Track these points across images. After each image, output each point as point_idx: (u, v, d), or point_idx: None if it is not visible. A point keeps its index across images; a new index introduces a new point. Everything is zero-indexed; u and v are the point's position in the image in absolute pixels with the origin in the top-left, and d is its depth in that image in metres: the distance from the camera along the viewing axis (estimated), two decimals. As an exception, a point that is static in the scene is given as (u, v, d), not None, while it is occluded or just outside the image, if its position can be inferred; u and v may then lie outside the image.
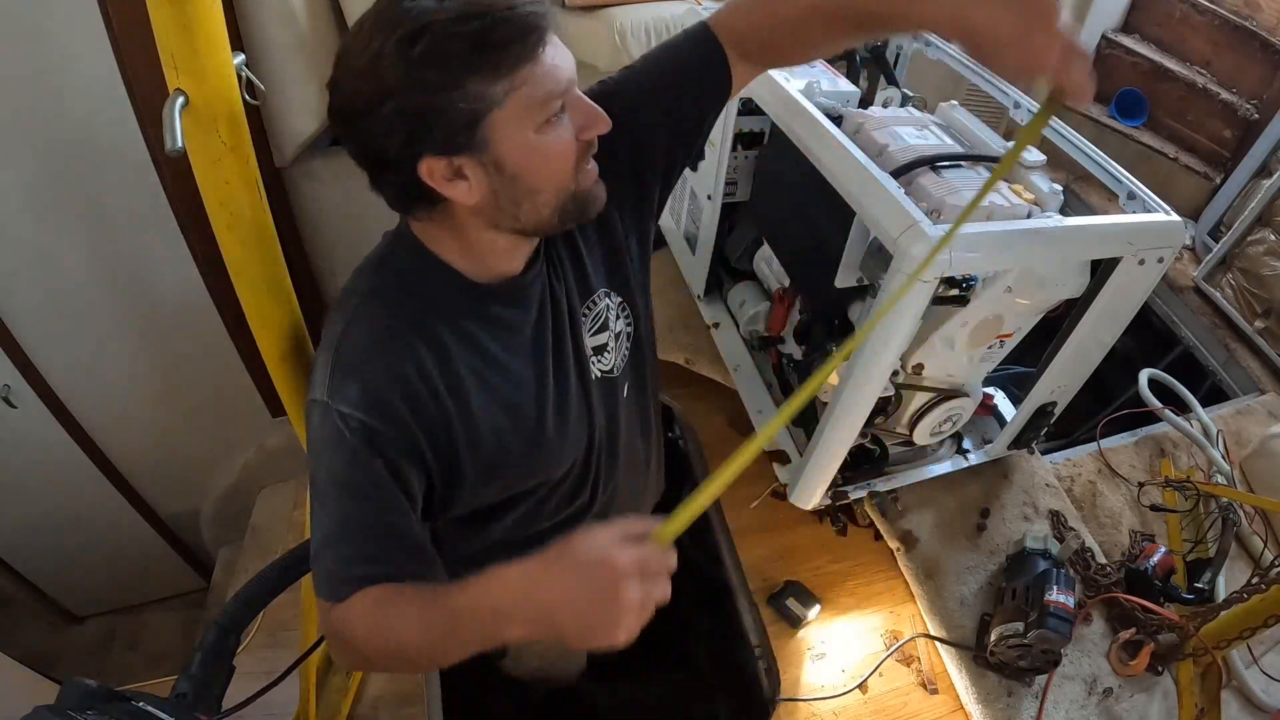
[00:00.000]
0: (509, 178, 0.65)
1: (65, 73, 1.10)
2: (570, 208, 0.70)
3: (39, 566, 1.86)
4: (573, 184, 0.69)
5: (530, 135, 0.64)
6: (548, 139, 0.65)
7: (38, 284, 1.33)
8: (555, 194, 0.68)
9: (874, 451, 1.24)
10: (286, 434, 1.61)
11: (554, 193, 0.68)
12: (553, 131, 0.65)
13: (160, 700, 0.67)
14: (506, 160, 0.64)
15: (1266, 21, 2.03)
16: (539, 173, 0.66)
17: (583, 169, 0.69)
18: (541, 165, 0.66)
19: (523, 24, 0.59)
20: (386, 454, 0.69)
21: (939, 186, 0.94)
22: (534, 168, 0.66)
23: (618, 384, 0.90)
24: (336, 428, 0.68)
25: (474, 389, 0.75)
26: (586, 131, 0.67)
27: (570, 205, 0.70)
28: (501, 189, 0.66)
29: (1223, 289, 1.86)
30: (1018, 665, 1.10)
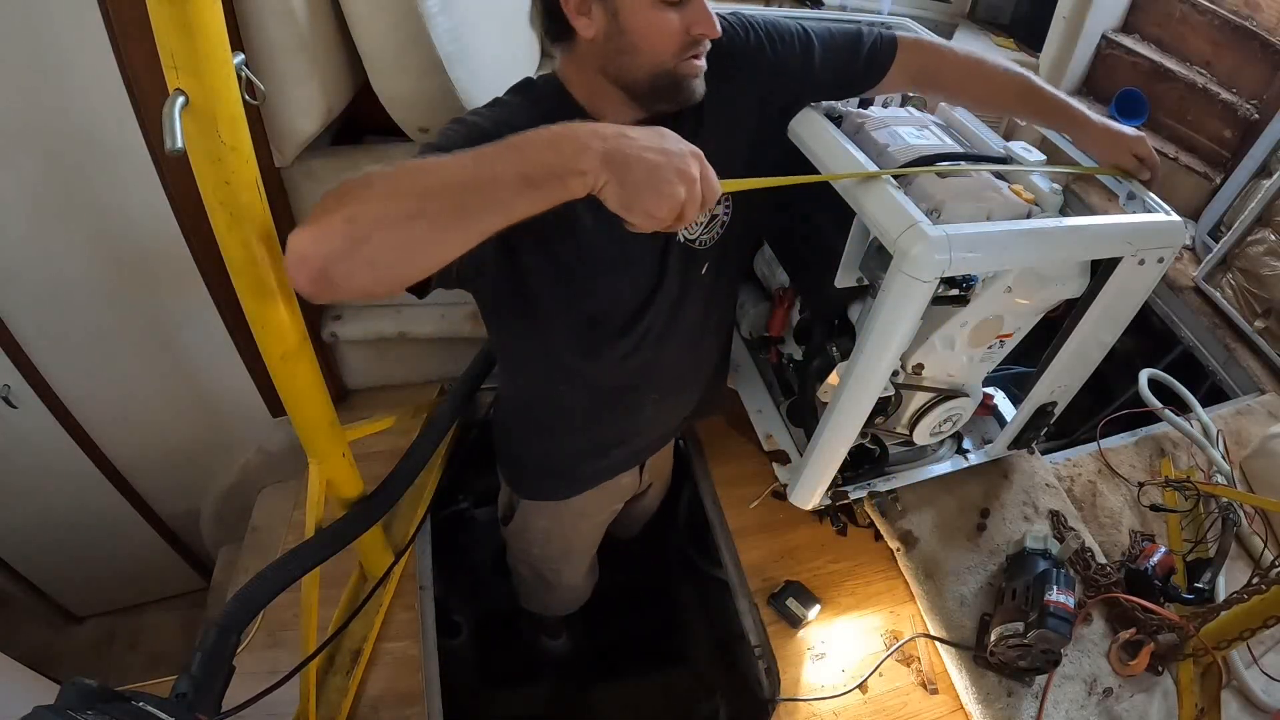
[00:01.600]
0: (620, 29, 0.78)
1: (65, 73, 1.10)
2: (663, 84, 0.82)
3: (39, 566, 1.86)
4: (670, 64, 0.81)
5: (645, 8, 0.77)
6: (659, 13, 0.78)
7: (38, 284, 1.33)
8: (652, 64, 0.81)
9: (874, 451, 1.24)
10: (286, 434, 1.61)
11: (651, 62, 0.80)
12: (664, 12, 0.78)
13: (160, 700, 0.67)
14: (622, 12, 0.78)
15: (1266, 21, 2.03)
16: (643, 37, 0.79)
17: (685, 57, 0.81)
18: (646, 31, 0.78)
19: None
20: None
21: (939, 186, 0.94)
22: (640, 30, 0.78)
23: (699, 258, 0.99)
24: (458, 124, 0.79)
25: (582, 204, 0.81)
26: (694, 28, 0.79)
27: (664, 82, 0.82)
28: (612, 36, 0.79)
29: (1223, 289, 1.86)
30: (1018, 665, 1.10)
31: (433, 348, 1.60)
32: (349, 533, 1.02)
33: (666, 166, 0.62)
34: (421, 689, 1.16)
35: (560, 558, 1.42)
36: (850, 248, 1.01)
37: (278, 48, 1.08)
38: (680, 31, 0.79)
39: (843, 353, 1.09)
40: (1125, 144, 1.05)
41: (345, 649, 1.17)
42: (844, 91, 1.07)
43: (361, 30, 1.14)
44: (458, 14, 1.15)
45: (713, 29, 0.80)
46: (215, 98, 0.64)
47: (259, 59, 1.07)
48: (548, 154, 0.62)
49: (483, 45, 1.26)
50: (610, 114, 0.87)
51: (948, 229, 0.81)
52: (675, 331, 1.04)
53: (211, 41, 0.61)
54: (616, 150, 0.62)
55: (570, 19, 0.80)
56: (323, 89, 1.17)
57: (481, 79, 1.23)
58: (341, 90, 1.24)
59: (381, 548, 1.22)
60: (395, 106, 1.21)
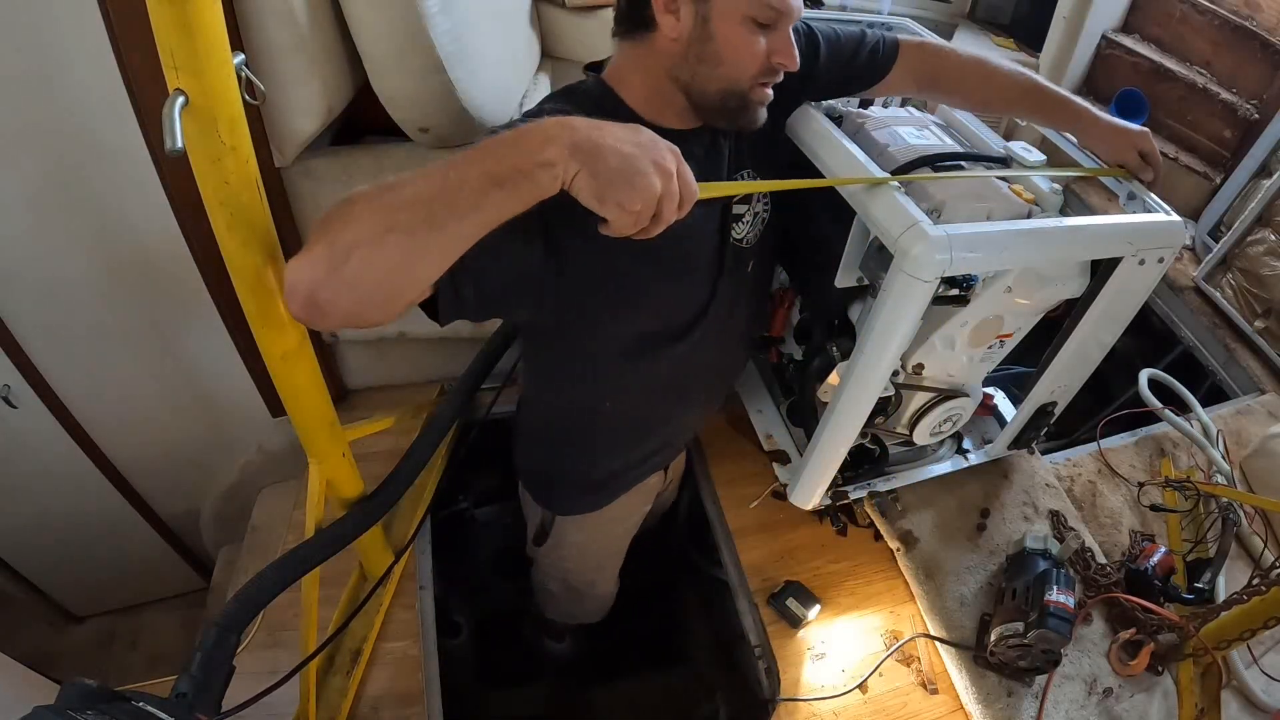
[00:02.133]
0: (705, 38, 0.79)
1: (65, 72, 1.10)
2: (732, 104, 0.83)
3: (39, 566, 1.86)
4: (745, 85, 0.82)
5: (736, 22, 0.78)
6: (749, 33, 0.78)
7: (38, 284, 1.33)
8: (729, 80, 0.81)
9: (874, 451, 1.24)
10: (286, 434, 1.61)
11: (729, 77, 0.81)
12: (751, 34, 0.79)
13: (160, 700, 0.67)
14: (712, 21, 0.78)
15: (1266, 21, 2.03)
16: (726, 52, 0.79)
17: (759, 83, 0.82)
18: (730, 47, 0.79)
19: None
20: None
21: (939, 186, 0.94)
22: (725, 44, 0.79)
23: (747, 256, 1.01)
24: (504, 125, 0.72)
25: None
26: (776, 56, 0.80)
27: (733, 102, 0.83)
28: (695, 42, 0.79)
29: (1223, 289, 1.86)
30: (1018, 665, 1.10)
31: (433, 348, 1.60)
32: (349, 533, 1.02)
33: (641, 157, 0.60)
34: (421, 689, 1.16)
35: (595, 569, 1.41)
36: (850, 247, 1.01)
37: (278, 48, 1.08)
38: (763, 56, 0.81)
39: (843, 353, 1.09)
40: (1130, 140, 1.05)
41: (345, 649, 1.17)
42: (843, 91, 1.08)
43: (361, 30, 1.14)
44: (458, 14, 1.15)
45: (793, 62, 0.81)
46: (215, 98, 0.64)
47: (259, 59, 1.07)
48: (512, 151, 0.59)
49: (483, 45, 1.26)
50: (667, 119, 0.87)
51: (948, 229, 0.81)
52: (728, 332, 1.05)
53: (211, 41, 0.61)
54: (586, 140, 0.59)
55: (657, 13, 0.79)
56: (323, 89, 1.17)
57: (481, 79, 1.23)
58: (341, 90, 1.24)
59: (381, 548, 1.22)
60: (395, 106, 1.21)
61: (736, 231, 0.97)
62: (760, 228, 1.01)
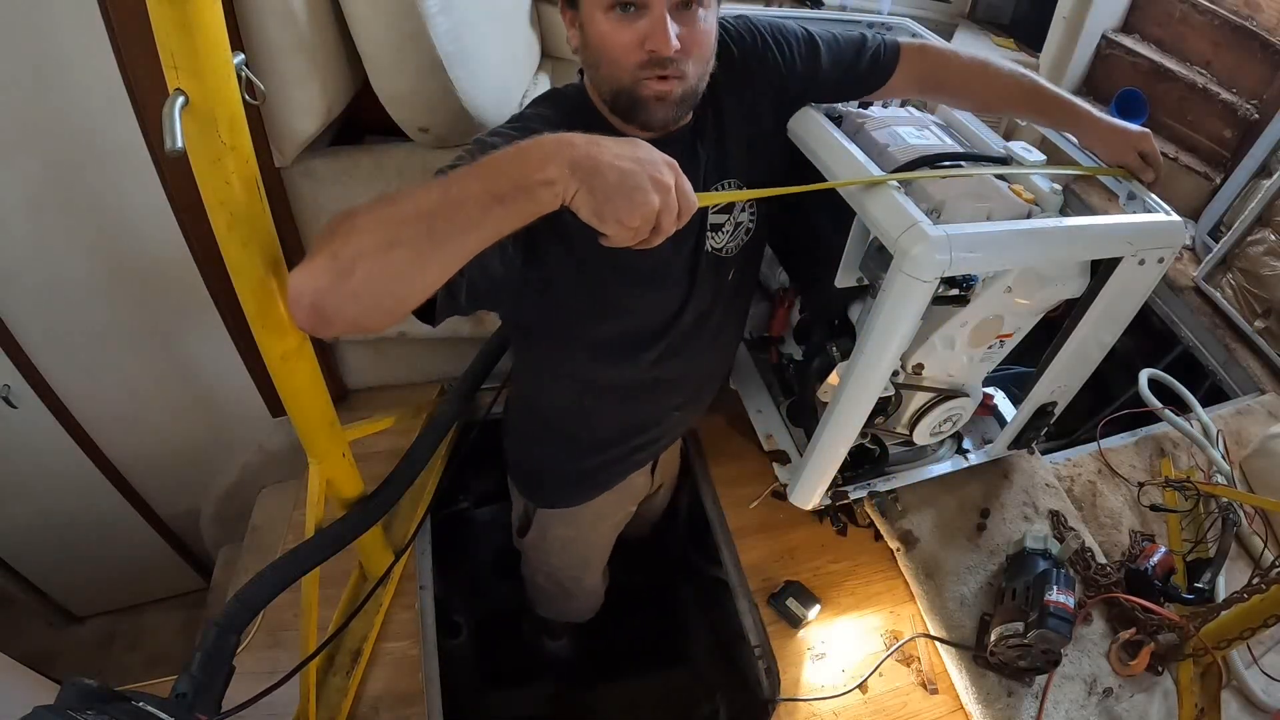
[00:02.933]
0: (586, 41, 0.79)
1: (65, 72, 1.10)
2: (623, 104, 0.80)
3: (39, 566, 1.86)
4: (626, 81, 0.78)
5: (599, 14, 0.75)
6: (612, 26, 0.75)
7: (38, 284, 1.33)
8: (609, 79, 0.79)
9: (874, 451, 1.24)
10: (286, 434, 1.61)
11: (610, 79, 0.79)
12: (618, 23, 0.75)
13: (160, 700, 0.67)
14: (586, 26, 0.78)
15: (1266, 21, 2.03)
16: (598, 50, 0.77)
17: (640, 75, 0.77)
18: (600, 45, 0.77)
19: None
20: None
21: (939, 187, 0.94)
22: (595, 43, 0.77)
23: (726, 265, 1.00)
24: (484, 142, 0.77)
25: None
26: (648, 41, 0.75)
27: (624, 101, 0.80)
28: (584, 49, 0.80)
29: (1223, 289, 1.86)
30: (1018, 665, 1.10)
31: (433, 348, 1.60)
32: (349, 533, 1.02)
33: (639, 173, 0.60)
34: (421, 689, 1.16)
35: (580, 564, 1.42)
36: (850, 248, 1.01)
37: (278, 48, 1.08)
38: (634, 46, 0.75)
39: (843, 353, 1.09)
40: (1131, 141, 1.05)
41: (345, 649, 1.17)
42: (845, 96, 1.07)
43: (361, 30, 1.14)
44: (458, 14, 1.15)
45: (665, 45, 0.74)
46: (215, 98, 0.64)
47: (259, 59, 1.07)
48: (513, 167, 0.60)
49: (482, 45, 1.26)
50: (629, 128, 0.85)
51: (948, 229, 0.81)
52: (702, 338, 1.05)
53: (211, 41, 0.61)
54: (586, 157, 0.60)
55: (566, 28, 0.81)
56: (323, 89, 1.17)
57: (481, 79, 1.23)
58: (341, 90, 1.24)
59: (381, 548, 1.22)
60: (395, 106, 1.21)
61: (714, 241, 0.97)
62: (743, 237, 1.00)
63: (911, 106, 1.23)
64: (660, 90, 0.78)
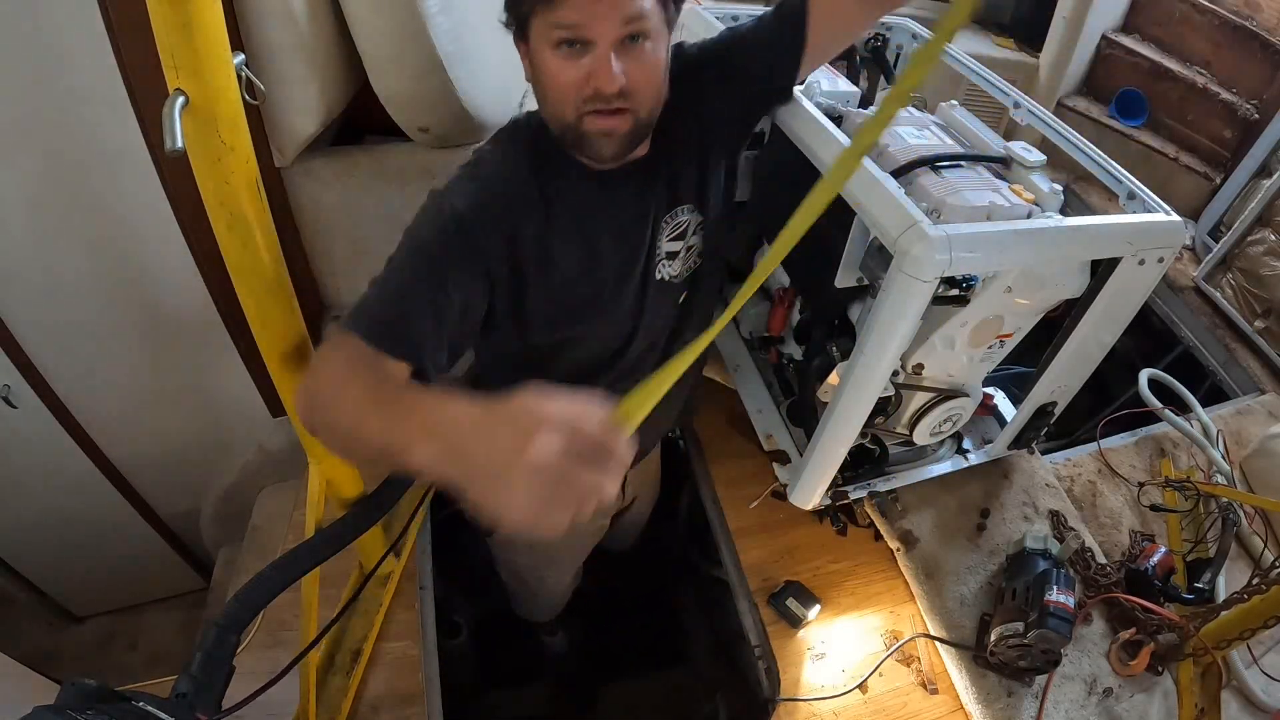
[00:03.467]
0: (535, 76, 0.78)
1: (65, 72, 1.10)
2: (570, 139, 0.79)
3: (39, 566, 1.86)
4: (570, 117, 0.77)
5: (546, 51, 0.74)
6: (557, 63, 0.74)
7: (38, 284, 1.33)
8: (556, 116, 0.78)
9: (874, 451, 1.24)
10: (286, 434, 1.61)
11: (555, 115, 0.78)
12: (564, 60, 0.73)
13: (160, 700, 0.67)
14: (535, 61, 0.76)
15: (1266, 21, 2.03)
16: (544, 85, 0.77)
17: (584, 111, 0.76)
18: (546, 79, 0.76)
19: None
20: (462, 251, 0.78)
21: (939, 186, 0.94)
22: (544, 77, 0.76)
23: (676, 290, 1.00)
24: (439, 207, 0.79)
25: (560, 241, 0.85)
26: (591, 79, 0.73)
27: (570, 136, 0.79)
28: (533, 82, 0.79)
29: (1223, 289, 1.86)
30: (1018, 665, 1.10)
31: (433, 348, 1.60)
32: (349, 533, 1.02)
33: (515, 478, 0.47)
34: (421, 689, 1.16)
35: (545, 565, 1.42)
36: (850, 248, 1.01)
37: (278, 48, 1.08)
38: (578, 83, 0.74)
39: (843, 353, 1.09)
40: None
41: (345, 649, 1.17)
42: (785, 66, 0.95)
43: (361, 30, 1.14)
44: (458, 14, 1.15)
45: (608, 83, 0.73)
46: (215, 98, 0.64)
47: (259, 59, 1.07)
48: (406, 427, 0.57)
49: (482, 45, 1.26)
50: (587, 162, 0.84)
51: (948, 229, 0.81)
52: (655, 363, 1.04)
53: (211, 41, 0.61)
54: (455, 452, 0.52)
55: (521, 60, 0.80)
56: (322, 89, 1.17)
57: (481, 79, 1.24)
58: (341, 90, 1.24)
59: (381, 548, 1.22)
60: (395, 106, 1.21)
61: (670, 269, 0.96)
62: (695, 260, 0.99)
63: (911, 106, 1.23)
64: (605, 126, 0.77)
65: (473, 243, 0.78)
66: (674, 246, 0.96)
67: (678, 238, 0.96)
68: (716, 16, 1.22)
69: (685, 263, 0.99)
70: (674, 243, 0.95)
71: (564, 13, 0.71)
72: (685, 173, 0.94)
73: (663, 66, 0.79)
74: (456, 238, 0.78)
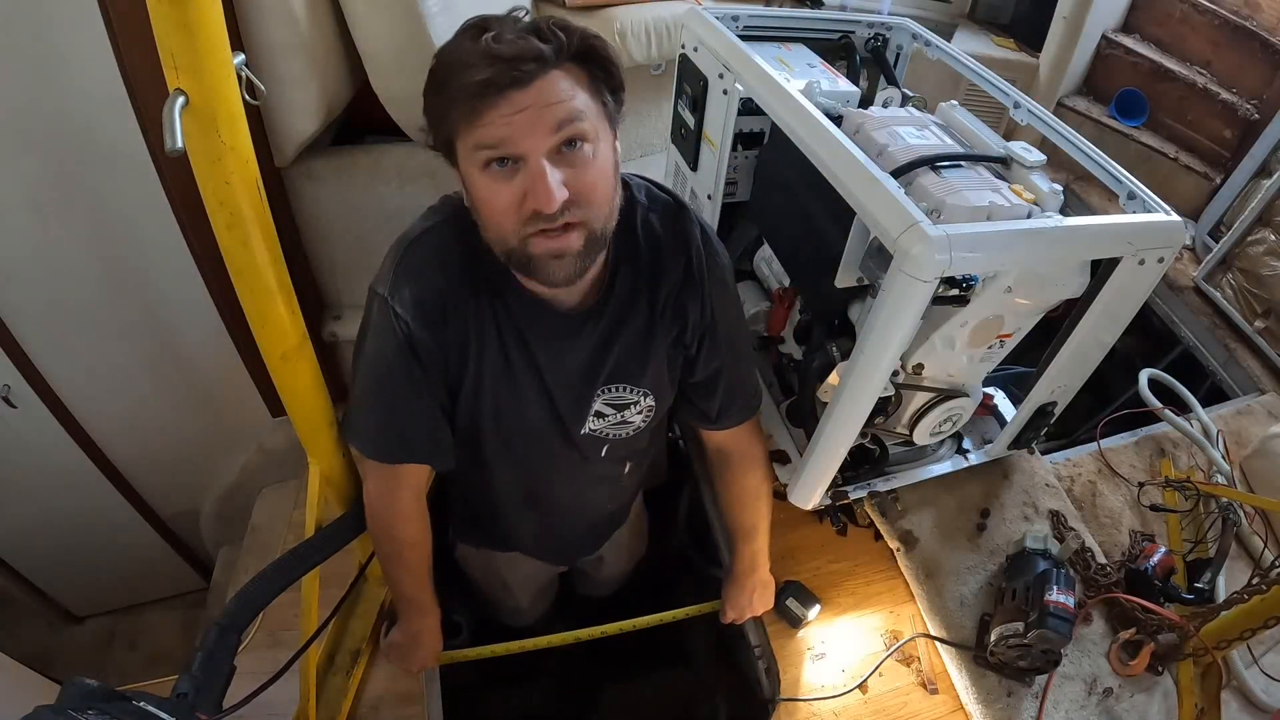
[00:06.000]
0: (471, 202, 0.73)
1: (65, 72, 1.10)
2: (515, 260, 0.73)
3: (39, 566, 1.86)
4: (514, 240, 0.70)
5: (475, 172, 0.69)
6: (488, 183, 0.68)
7: (38, 284, 1.33)
8: (498, 241, 0.72)
9: (874, 451, 1.24)
10: (286, 434, 1.61)
11: (496, 236, 0.72)
12: (495, 181, 0.68)
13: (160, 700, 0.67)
14: (466, 182, 0.72)
15: (1266, 21, 2.04)
16: (481, 207, 0.71)
17: (526, 232, 0.69)
18: (482, 204, 0.71)
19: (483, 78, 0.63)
20: (423, 360, 0.81)
21: (939, 186, 0.94)
22: (477, 201, 0.71)
23: (600, 443, 0.98)
24: (390, 320, 0.79)
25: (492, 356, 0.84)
26: (528, 199, 0.67)
27: (516, 259, 0.72)
28: (471, 205, 0.73)
29: (1223, 289, 1.86)
30: (1018, 665, 1.10)
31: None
32: (349, 533, 1.02)
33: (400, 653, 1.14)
34: (421, 689, 1.16)
35: (499, 588, 1.39)
36: (850, 248, 1.01)
37: (278, 48, 1.08)
38: (515, 204, 0.67)
39: (843, 353, 1.09)
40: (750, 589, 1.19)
41: (345, 649, 1.17)
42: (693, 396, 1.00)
43: (361, 30, 1.15)
44: (457, 14, 1.14)
45: (547, 202, 0.65)
46: (215, 98, 0.64)
47: (259, 59, 1.07)
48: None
49: (483, 45, 1.26)
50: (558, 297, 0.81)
51: (948, 229, 0.81)
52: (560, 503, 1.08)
53: (211, 41, 0.61)
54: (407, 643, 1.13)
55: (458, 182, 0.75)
56: (322, 89, 1.18)
57: (481, 79, 1.23)
58: (341, 90, 1.24)
59: (381, 548, 1.22)
60: (395, 106, 1.21)
61: (593, 425, 0.93)
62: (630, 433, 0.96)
63: (911, 106, 1.23)
64: (555, 248, 0.69)
65: (426, 348, 0.81)
66: (605, 409, 0.93)
67: (617, 408, 0.93)
68: (716, 17, 1.22)
69: (620, 429, 0.96)
70: (607, 407, 0.92)
71: (485, 130, 0.65)
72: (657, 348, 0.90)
73: (610, 167, 0.72)
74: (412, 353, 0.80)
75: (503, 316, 0.82)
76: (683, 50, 1.27)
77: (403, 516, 0.96)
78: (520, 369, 0.86)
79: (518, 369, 0.85)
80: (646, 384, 0.92)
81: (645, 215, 0.85)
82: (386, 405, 0.85)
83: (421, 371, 0.82)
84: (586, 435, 0.94)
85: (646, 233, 0.85)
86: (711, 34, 1.18)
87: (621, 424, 0.95)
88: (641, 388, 0.92)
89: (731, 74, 1.13)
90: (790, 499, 1.19)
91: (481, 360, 0.84)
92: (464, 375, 0.85)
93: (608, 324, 0.85)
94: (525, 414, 0.90)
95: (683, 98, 1.30)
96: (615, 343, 0.87)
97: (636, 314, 0.86)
